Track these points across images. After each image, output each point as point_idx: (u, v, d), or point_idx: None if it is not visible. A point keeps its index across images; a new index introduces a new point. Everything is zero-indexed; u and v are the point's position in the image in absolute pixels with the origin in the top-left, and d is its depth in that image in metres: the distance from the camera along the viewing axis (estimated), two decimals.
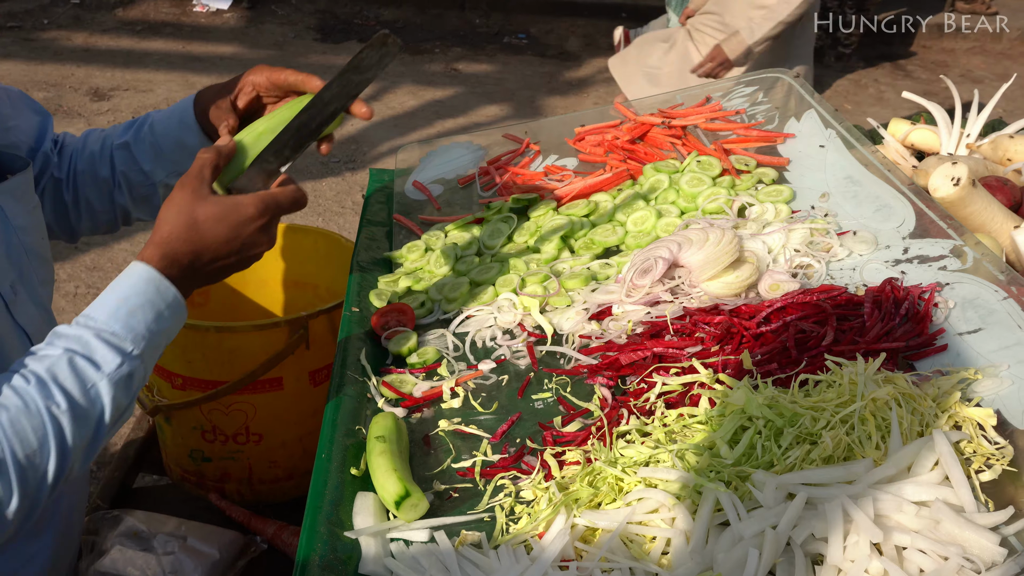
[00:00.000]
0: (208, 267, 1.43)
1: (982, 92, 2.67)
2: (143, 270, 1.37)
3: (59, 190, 1.77)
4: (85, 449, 1.30)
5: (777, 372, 1.54)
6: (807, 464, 1.31)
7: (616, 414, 1.56)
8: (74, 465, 1.30)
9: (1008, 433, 1.40)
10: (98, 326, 1.32)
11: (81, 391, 1.28)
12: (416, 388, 1.72)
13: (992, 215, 2.07)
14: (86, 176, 1.78)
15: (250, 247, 1.45)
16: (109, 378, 1.30)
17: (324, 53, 7.77)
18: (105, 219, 1.83)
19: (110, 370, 1.31)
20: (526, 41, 8.44)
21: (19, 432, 1.23)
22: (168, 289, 1.38)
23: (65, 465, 1.27)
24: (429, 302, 1.97)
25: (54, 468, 1.26)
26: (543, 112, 6.86)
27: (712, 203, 2.06)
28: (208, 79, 6.91)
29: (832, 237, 1.90)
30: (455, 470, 1.54)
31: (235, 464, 2.46)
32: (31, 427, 1.24)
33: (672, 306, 1.77)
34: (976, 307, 1.66)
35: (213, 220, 1.41)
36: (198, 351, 2.33)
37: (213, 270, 1.45)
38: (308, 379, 2.39)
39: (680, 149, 2.32)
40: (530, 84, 7.40)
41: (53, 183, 1.77)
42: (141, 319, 1.34)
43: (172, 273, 1.39)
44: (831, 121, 2.29)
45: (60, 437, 1.26)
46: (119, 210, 1.81)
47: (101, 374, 1.30)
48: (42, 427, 1.24)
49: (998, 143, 2.42)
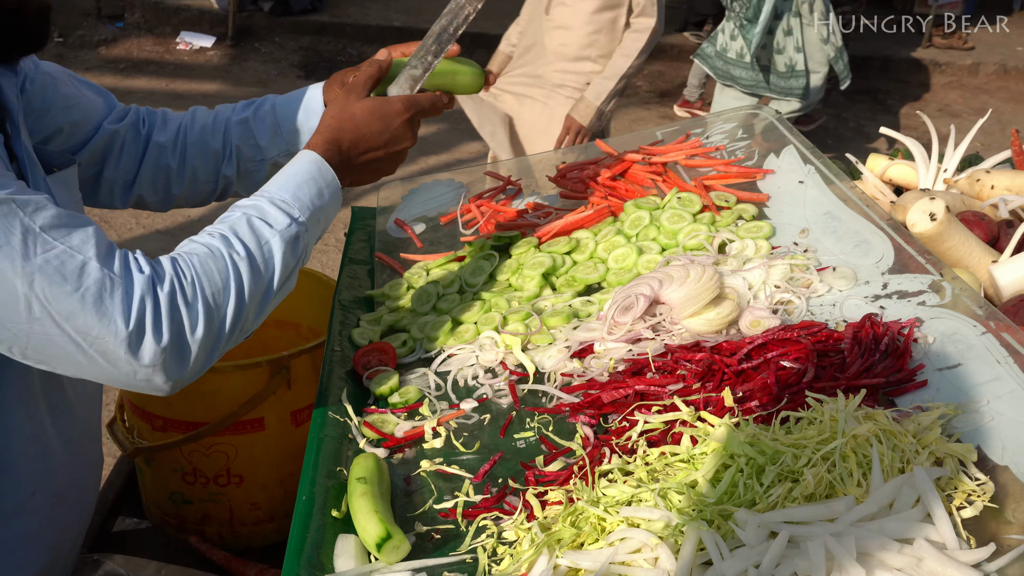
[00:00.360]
0: (361, 156, 1.68)
1: (960, 126, 2.70)
2: (308, 153, 1.61)
3: (163, 155, 1.88)
4: (259, 302, 1.48)
5: (758, 409, 1.54)
6: (789, 502, 1.31)
7: (598, 453, 1.55)
8: (248, 315, 1.46)
9: (989, 469, 1.40)
10: (270, 194, 1.54)
11: (256, 244, 1.47)
12: (398, 428, 1.72)
13: (970, 250, 2.09)
14: (196, 146, 1.90)
15: (397, 140, 1.71)
16: (280, 235, 1.50)
17: None
18: (205, 189, 1.93)
19: (281, 228, 1.50)
20: None
21: (207, 272, 1.41)
22: (328, 171, 1.61)
23: (242, 311, 1.44)
24: (411, 341, 1.96)
25: (232, 310, 1.43)
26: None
27: (693, 239, 2.06)
28: None
29: (812, 273, 1.91)
30: (437, 511, 1.53)
31: (216, 506, 2.44)
32: (216, 269, 1.42)
33: (654, 343, 1.77)
34: (955, 342, 1.66)
35: (367, 112, 1.68)
36: (178, 392, 2.32)
37: (365, 161, 1.69)
38: (290, 419, 2.38)
39: (661, 186, 2.33)
40: None
41: (156, 148, 1.87)
42: (306, 192, 1.56)
43: (331, 157, 1.62)
44: (810, 157, 2.31)
45: (239, 282, 1.44)
46: (222, 182, 1.92)
47: (273, 231, 1.50)
48: (225, 270, 1.43)
49: (975, 178, 2.44)
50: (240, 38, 8.60)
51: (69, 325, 1.30)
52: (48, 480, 1.62)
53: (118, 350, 1.32)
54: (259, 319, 1.51)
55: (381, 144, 1.69)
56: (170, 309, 1.35)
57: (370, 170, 1.72)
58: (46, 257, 1.29)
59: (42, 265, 1.28)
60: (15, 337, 1.31)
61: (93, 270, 1.31)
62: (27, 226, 1.28)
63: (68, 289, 1.29)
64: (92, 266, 1.31)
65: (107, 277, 1.32)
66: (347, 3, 9.60)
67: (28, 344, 1.32)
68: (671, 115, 8.09)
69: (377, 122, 1.68)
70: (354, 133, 1.67)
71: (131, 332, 1.32)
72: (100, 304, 1.30)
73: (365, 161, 1.69)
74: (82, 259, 1.31)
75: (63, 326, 1.30)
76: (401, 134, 1.71)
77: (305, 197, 1.56)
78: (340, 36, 9.00)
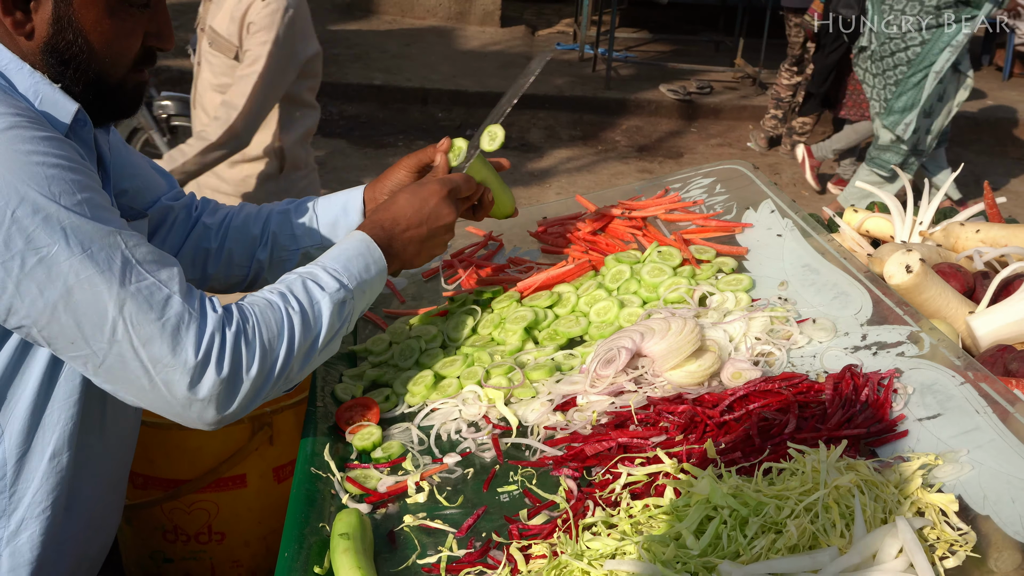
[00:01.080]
0: (404, 234, 1.84)
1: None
2: (357, 233, 1.80)
3: (205, 236, 2.06)
4: (304, 353, 1.62)
5: (741, 460, 1.55)
6: (773, 553, 1.31)
7: (582, 506, 1.55)
8: (294, 365, 1.60)
9: (970, 519, 1.41)
10: (323, 264, 1.72)
11: (309, 303, 1.63)
12: (381, 483, 1.71)
13: (947, 301, 2.11)
14: (237, 231, 2.07)
15: (436, 216, 1.87)
16: (330, 297, 1.66)
17: None
18: (239, 273, 2.08)
19: (331, 291, 1.66)
20: None
21: (266, 320, 1.57)
22: (375, 248, 1.78)
23: (290, 359, 1.58)
24: (394, 396, 1.96)
25: (283, 357, 1.57)
26: None
27: (673, 292, 2.08)
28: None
29: (792, 325, 1.92)
30: (421, 566, 1.52)
31: (198, 564, 2.42)
32: (274, 319, 1.58)
33: (636, 396, 1.78)
34: (934, 392, 1.68)
35: (405, 193, 1.88)
36: (160, 449, 2.30)
37: (409, 238, 1.85)
38: (272, 476, 2.37)
39: (641, 240, 2.36)
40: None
41: (202, 228, 2.06)
42: (355, 265, 1.73)
43: (377, 236, 1.80)
44: (787, 211, 2.34)
45: (291, 332, 1.59)
46: (255, 266, 2.07)
47: (324, 293, 1.66)
48: (280, 320, 1.58)
49: (950, 230, 2.48)
50: None
51: (144, 351, 1.45)
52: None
53: (182, 380, 1.47)
54: (302, 372, 1.65)
55: (421, 220, 1.85)
56: (234, 346, 1.51)
57: (416, 249, 1.87)
58: (139, 286, 1.45)
59: (134, 293, 1.45)
60: (94, 355, 1.45)
61: (176, 304, 1.48)
62: (126, 257, 1.46)
63: (152, 317, 1.45)
64: (175, 300, 1.48)
65: (187, 311, 1.48)
66: (327, 62, 9.60)
67: (103, 363, 1.46)
68: (649, 169, 8.16)
69: (415, 200, 1.86)
70: (395, 212, 1.85)
71: (198, 363, 1.47)
72: (177, 335, 1.47)
73: (409, 239, 1.85)
74: (168, 292, 1.48)
75: (139, 351, 1.45)
76: (439, 210, 1.87)
77: (354, 269, 1.72)
78: (320, 94, 9.04)
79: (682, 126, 9.47)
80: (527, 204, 4.22)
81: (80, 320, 1.43)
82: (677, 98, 9.69)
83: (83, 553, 1.75)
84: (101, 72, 1.57)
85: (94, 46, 1.54)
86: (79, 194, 1.43)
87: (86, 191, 1.45)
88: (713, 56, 11.24)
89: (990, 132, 9.64)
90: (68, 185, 1.42)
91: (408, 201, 1.86)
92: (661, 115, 9.62)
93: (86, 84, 1.57)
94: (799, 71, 8.38)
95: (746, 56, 10.47)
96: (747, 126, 9.40)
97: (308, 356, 1.63)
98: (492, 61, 10.56)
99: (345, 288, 1.69)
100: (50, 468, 1.61)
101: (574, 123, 9.18)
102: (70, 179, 1.43)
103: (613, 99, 9.65)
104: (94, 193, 1.46)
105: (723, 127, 9.51)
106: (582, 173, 7.91)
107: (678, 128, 9.42)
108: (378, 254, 1.78)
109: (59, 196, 1.40)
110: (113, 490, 1.80)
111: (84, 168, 1.47)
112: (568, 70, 10.46)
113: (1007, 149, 9.35)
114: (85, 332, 1.43)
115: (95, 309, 1.43)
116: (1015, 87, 11.01)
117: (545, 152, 8.28)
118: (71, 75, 1.54)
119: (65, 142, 1.47)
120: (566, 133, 8.89)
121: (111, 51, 1.56)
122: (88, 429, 1.64)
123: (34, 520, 1.62)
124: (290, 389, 1.67)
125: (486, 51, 10.98)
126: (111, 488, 1.78)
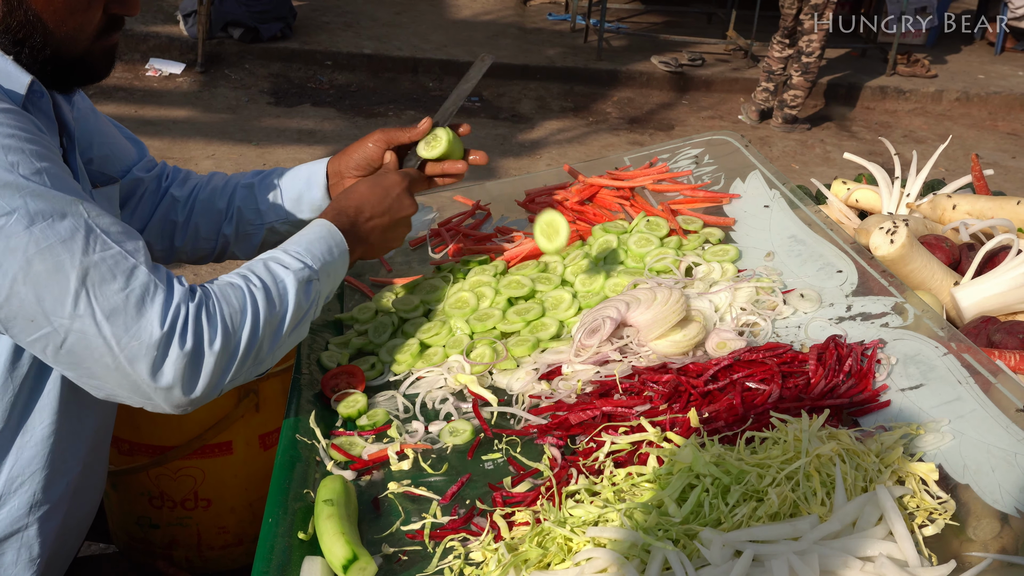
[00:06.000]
0: (367, 223, 1.84)
1: (924, 152, 2.75)
2: (319, 220, 1.78)
3: (172, 209, 2.05)
4: (272, 333, 1.59)
5: (724, 430, 1.56)
6: (754, 521, 1.32)
7: (565, 474, 1.56)
8: (262, 344, 1.57)
9: (950, 487, 1.42)
10: (285, 247, 1.70)
11: (272, 281, 1.61)
12: (365, 450, 1.72)
13: (932, 272, 2.12)
14: (203, 204, 2.05)
15: (399, 208, 1.87)
16: (294, 275, 1.64)
17: (278, 116, 7.80)
18: (206, 247, 2.07)
19: (295, 269, 1.64)
20: (479, 104, 8.53)
21: (226, 297, 1.53)
22: (337, 233, 1.76)
23: (255, 336, 1.55)
24: (379, 364, 1.96)
25: (247, 334, 1.54)
26: (496, 174, 6.92)
27: (660, 263, 2.08)
28: (161, 143, 6.90)
29: (777, 295, 1.93)
30: (404, 532, 1.53)
31: (183, 531, 2.42)
32: (234, 296, 1.55)
33: (621, 365, 1.79)
34: (917, 363, 1.69)
35: (369, 183, 1.88)
36: (145, 415, 2.29)
37: (371, 227, 1.84)
38: (258, 443, 2.37)
39: (628, 210, 2.35)
40: (483, 146, 7.46)
41: (170, 200, 2.04)
42: (318, 247, 1.71)
43: (340, 222, 1.79)
44: (775, 182, 2.33)
45: (255, 308, 1.56)
46: (221, 240, 2.06)
47: (287, 271, 1.64)
48: (243, 297, 1.55)
49: (936, 202, 2.48)
50: (210, 65, 8.59)
51: (108, 325, 1.41)
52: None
53: (147, 357, 1.43)
54: (272, 354, 1.62)
55: (385, 210, 1.86)
56: (195, 320, 1.48)
57: (379, 237, 1.87)
58: (103, 255, 1.42)
59: (98, 262, 1.41)
60: (55, 332, 1.41)
61: (142, 275, 1.45)
62: (90, 226, 1.42)
63: (116, 287, 1.42)
64: (141, 271, 1.45)
65: (152, 283, 1.46)
66: (317, 30, 9.62)
67: (64, 341, 1.42)
68: (640, 141, 8.14)
69: (378, 189, 1.87)
70: (358, 201, 1.84)
71: (163, 336, 1.44)
72: (141, 306, 1.43)
73: (372, 227, 1.85)
74: (133, 263, 1.45)
75: (101, 326, 1.41)
76: (401, 201, 1.88)
77: (317, 251, 1.71)
78: (310, 63, 9.00)
79: (673, 98, 9.43)
80: (517, 174, 4.21)
81: (40, 293, 1.38)
82: (669, 70, 9.65)
83: (68, 519, 1.75)
84: (59, 47, 1.53)
85: (48, 24, 1.49)
86: (37, 163, 1.39)
87: (44, 160, 1.41)
88: (705, 28, 11.18)
89: (978, 106, 9.63)
90: (25, 156, 1.38)
91: (371, 190, 1.86)
92: (652, 87, 9.58)
93: (44, 60, 1.52)
94: (791, 43, 8.34)
95: (738, 28, 10.42)
96: (738, 99, 9.37)
97: (276, 336, 1.61)
98: (483, 31, 10.49)
99: (309, 268, 1.67)
100: (31, 436, 1.60)
101: (565, 94, 9.14)
102: (28, 149, 1.39)
103: (604, 70, 9.60)
104: (52, 164, 1.43)
105: (714, 99, 9.48)
106: (573, 144, 7.89)
107: (669, 100, 9.38)
108: (340, 238, 1.76)
109: (16, 166, 1.37)
110: (95, 455, 1.80)
111: (41, 139, 1.44)
112: (559, 41, 10.40)
113: (997, 123, 9.35)
114: (45, 307, 1.39)
115: (56, 280, 1.38)
116: (1007, 61, 10.99)
117: (536, 123, 8.25)
118: (27, 53, 1.50)
119: (21, 113, 1.43)
120: (557, 104, 8.85)
121: (67, 27, 1.52)
122: (68, 396, 1.63)
123: (18, 488, 1.62)
124: (262, 374, 1.64)
125: (477, 20, 10.90)
126: (93, 453, 1.78)
